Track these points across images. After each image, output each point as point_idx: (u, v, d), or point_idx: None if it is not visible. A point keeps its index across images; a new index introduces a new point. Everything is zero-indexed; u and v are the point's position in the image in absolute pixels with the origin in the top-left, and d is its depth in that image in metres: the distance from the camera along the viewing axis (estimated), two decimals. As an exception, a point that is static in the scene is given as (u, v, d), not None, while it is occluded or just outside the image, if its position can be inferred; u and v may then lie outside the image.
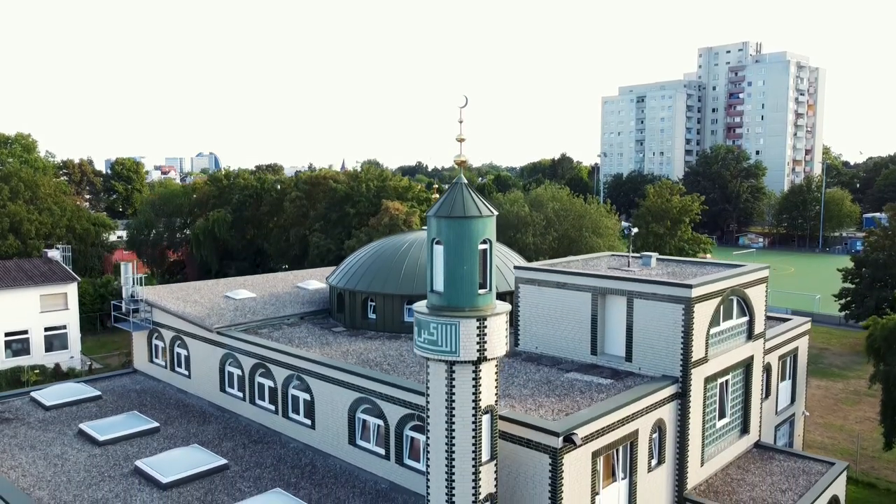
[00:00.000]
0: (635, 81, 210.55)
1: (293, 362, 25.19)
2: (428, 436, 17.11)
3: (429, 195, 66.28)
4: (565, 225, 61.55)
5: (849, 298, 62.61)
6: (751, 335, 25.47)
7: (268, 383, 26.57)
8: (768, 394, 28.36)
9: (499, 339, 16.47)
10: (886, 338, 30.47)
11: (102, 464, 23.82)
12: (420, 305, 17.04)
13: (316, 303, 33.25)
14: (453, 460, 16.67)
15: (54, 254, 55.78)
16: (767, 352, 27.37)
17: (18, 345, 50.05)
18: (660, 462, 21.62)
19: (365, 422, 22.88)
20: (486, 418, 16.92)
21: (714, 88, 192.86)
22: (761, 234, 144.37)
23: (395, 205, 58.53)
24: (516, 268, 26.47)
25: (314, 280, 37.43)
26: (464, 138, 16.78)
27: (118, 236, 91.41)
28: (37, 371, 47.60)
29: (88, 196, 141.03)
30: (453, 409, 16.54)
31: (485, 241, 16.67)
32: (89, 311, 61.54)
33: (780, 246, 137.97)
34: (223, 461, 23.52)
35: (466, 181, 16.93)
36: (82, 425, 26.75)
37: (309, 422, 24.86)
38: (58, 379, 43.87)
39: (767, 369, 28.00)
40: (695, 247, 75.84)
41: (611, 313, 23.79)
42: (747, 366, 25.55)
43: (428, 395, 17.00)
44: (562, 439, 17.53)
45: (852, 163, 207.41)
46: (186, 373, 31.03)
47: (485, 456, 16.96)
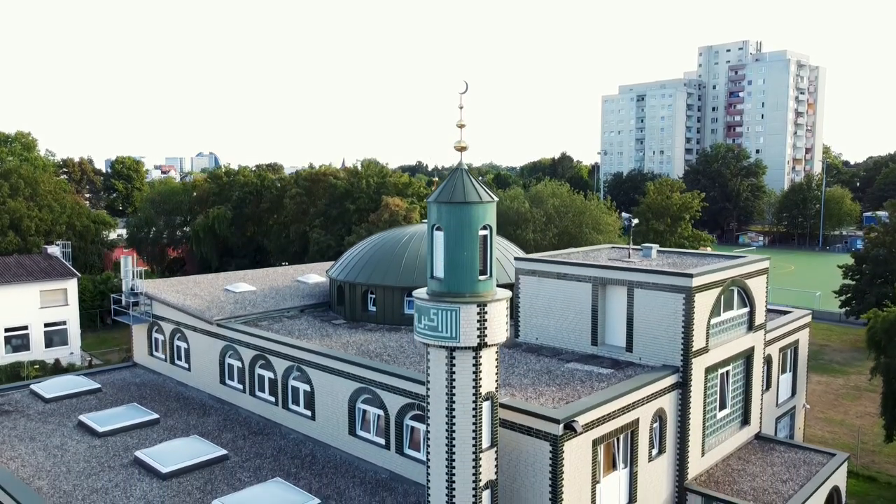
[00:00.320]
0: (635, 80, 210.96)
1: (293, 353, 25.16)
2: (428, 423, 17.07)
3: (429, 191, 66.31)
4: (565, 221, 61.51)
5: (849, 295, 62.56)
6: (751, 326, 25.43)
7: (268, 375, 26.53)
8: (769, 386, 28.33)
9: (499, 325, 16.42)
10: (887, 330, 30.44)
11: (102, 454, 23.79)
12: (420, 292, 17.00)
13: (316, 296, 33.22)
14: (453, 447, 16.62)
15: (54, 250, 55.77)
16: (768, 343, 27.33)
17: (18, 340, 50.03)
18: (660, 452, 21.59)
19: (365, 412, 22.85)
20: (486, 405, 16.87)
21: (714, 87, 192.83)
22: (761, 233, 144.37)
23: (396, 201, 58.48)
24: (517, 259, 26.44)
25: (314, 274, 37.38)
26: (464, 124, 16.71)
27: (118, 234, 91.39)
28: (36, 367, 47.57)
29: (88, 195, 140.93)
30: (454, 395, 16.50)
31: (485, 227, 16.63)
32: (89, 308, 61.52)
33: (780, 244, 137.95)
34: (223, 452, 23.49)
35: (467, 167, 16.89)
36: (82, 417, 26.71)
37: (309, 413, 24.82)
38: (57, 374, 43.80)
39: (768, 361, 27.97)
40: (695, 244, 75.91)
41: (611, 303, 23.76)
42: (748, 357, 25.51)
43: (428, 382, 16.96)
44: (562, 427, 17.49)
45: (852, 162, 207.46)
46: (186, 365, 31.00)
47: (485, 443, 16.91)
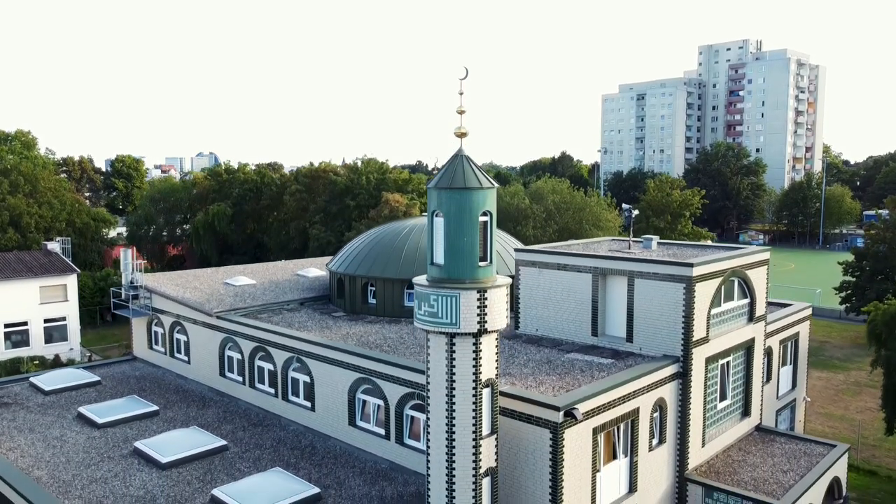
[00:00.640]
0: (635, 79, 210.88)
1: (293, 344, 25.12)
2: (428, 410, 17.02)
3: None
4: (566, 218, 61.48)
5: (849, 291, 62.54)
6: (752, 317, 25.38)
7: (267, 367, 26.49)
8: (769, 378, 28.28)
9: (499, 311, 16.37)
10: (887, 323, 30.39)
11: (101, 445, 23.75)
12: (420, 279, 16.95)
13: (316, 289, 33.19)
14: (454, 434, 16.57)
15: (54, 246, 55.73)
16: (769, 335, 27.28)
17: (18, 336, 50.00)
18: (661, 441, 21.54)
19: (365, 402, 22.81)
20: (486, 392, 16.82)
21: (714, 86, 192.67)
22: (761, 231, 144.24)
23: (396, 197, 58.44)
24: (517, 250, 26.40)
25: (314, 268, 37.36)
26: (464, 110, 16.65)
27: (118, 233, 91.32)
28: (36, 362, 47.55)
29: (88, 194, 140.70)
30: (454, 382, 16.44)
31: (485, 214, 16.58)
32: (89, 305, 61.49)
33: (781, 243, 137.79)
34: (223, 442, 23.45)
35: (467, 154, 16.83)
36: (81, 409, 26.67)
37: (309, 404, 24.79)
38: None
39: (768, 353, 27.93)
40: (695, 241, 75.82)
41: (612, 294, 23.72)
42: (748, 348, 25.47)
43: (428, 369, 16.91)
44: (562, 414, 17.45)
45: (852, 162, 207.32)
46: (186, 358, 30.96)
47: (485, 430, 16.85)
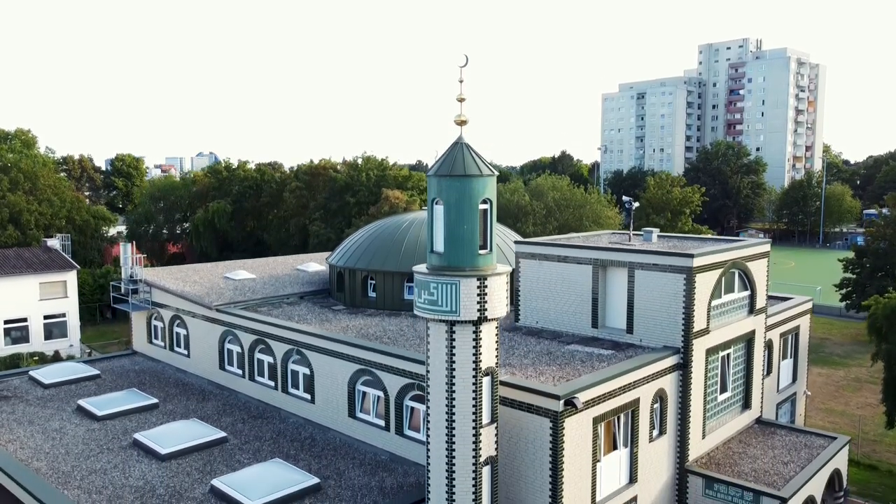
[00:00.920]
0: (635, 78, 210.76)
1: (293, 337, 25.08)
2: (428, 400, 16.98)
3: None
4: (566, 215, 61.45)
5: (849, 288, 62.53)
6: (752, 309, 25.35)
7: (267, 359, 26.46)
8: (770, 371, 28.24)
9: (499, 299, 16.33)
10: (888, 316, 30.35)
11: (101, 437, 23.72)
12: (420, 267, 16.92)
13: (315, 283, 33.16)
14: (454, 423, 16.53)
15: (54, 243, 55.72)
16: (769, 328, 27.25)
17: (18, 332, 50.01)
18: (661, 433, 21.51)
19: (365, 394, 22.77)
20: (486, 380, 16.78)
21: (714, 85, 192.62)
22: (762, 230, 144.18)
23: (396, 193, 58.39)
24: (517, 242, 26.38)
25: (314, 263, 37.33)
26: (464, 98, 16.61)
27: (118, 231, 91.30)
28: (35, 358, 47.54)
29: (88, 193, 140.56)
30: (454, 370, 16.40)
31: (485, 201, 16.54)
32: (89, 302, 61.47)
33: (781, 241, 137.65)
34: (222, 434, 23.42)
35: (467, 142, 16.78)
36: (81, 401, 26.62)
37: (308, 396, 24.75)
38: (57, 364, 43.72)
39: (769, 346, 27.89)
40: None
41: (612, 286, 23.69)
42: (749, 340, 25.43)
43: (428, 358, 16.87)
44: (563, 403, 17.41)
45: (853, 161, 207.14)
46: (185, 352, 30.92)
47: (485, 419, 16.81)
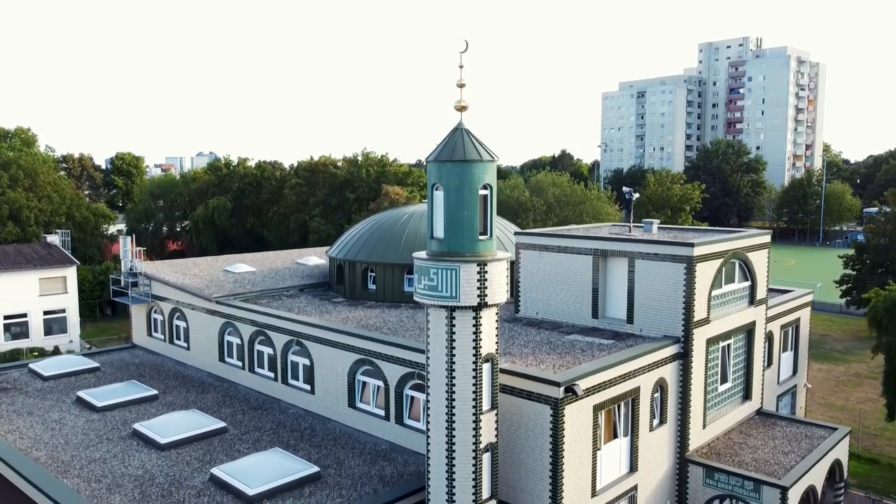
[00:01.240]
0: (635, 77, 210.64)
1: (293, 328, 25.04)
2: (428, 386, 16.95)
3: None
4: (566, 211, 61.43)
5: (850, 284, 62.52)
6: (753, 300, 25.32)
7: (267, 351, 26.43)
8: (770, 362, 28.20)
9: (499, 284, 16.31)
10: (888, 309, 30.33)
11: (100, 427, 23.68)
12: (420, 253, 16.90)
13: (315, 276, 33.12)
14: (454, 409, 16.50)
15: (53, 239, 55.73)
16: (769, 320, 27.21)
17: (17, 328, 50.01)
18: (661, 422, 21.47)
19: (365, 384, 22.74)
20: (486, 367, 16.75)
21: (714, 83, 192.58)
22: (762, 229, 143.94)
23: (396, 189, 58.37)
24: (517, 233, 26.36)
25: (314, 256, 37.31)
26: (464, 83, 16.58)
27: (118, 229, 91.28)
28: (35, 353, 47.51)
29: (88, 191, 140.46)
30: (454, 357, 16.37)
31: (485, 187, 16.51)
32: (89, 299, 61.43)
33: (781, 240, 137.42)
34: (222, 424, 23.39)
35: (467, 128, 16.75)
36: (80, 393, 26.59)
37: (308, 387, 24.71)
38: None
39: (769, 338, 27.85)
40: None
41: (612, 275, 23.65)
42: (749, 331, 25.39)
43: (428, 345, 16.84)
44: (563, 390, 17.38)
45: (853, 161, 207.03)
46: (185, 345, 30.89)
47: (485, 405, 16.79)
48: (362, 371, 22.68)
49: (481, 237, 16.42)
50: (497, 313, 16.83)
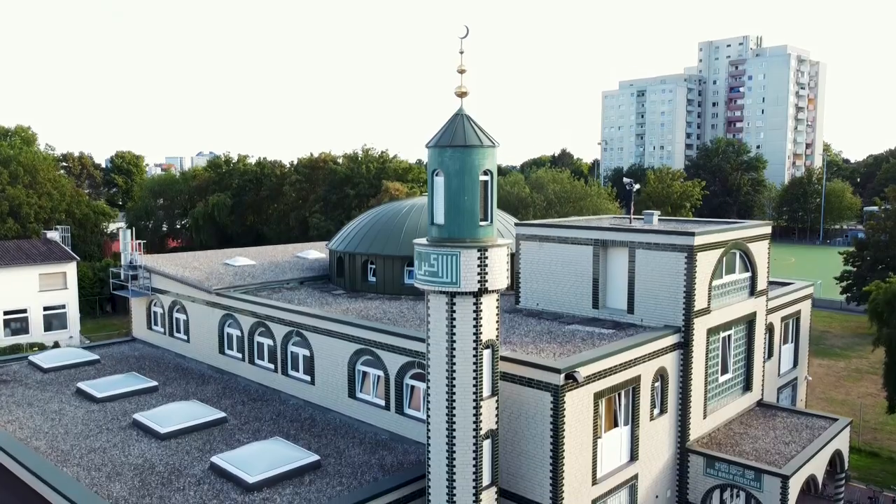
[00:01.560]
0: (635, 75, 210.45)
1: (293, 318, 25.02)
2: (428, 373, 16.92)
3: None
4: (566, 207, 61.41)
5: (850, 281, 62.49)
6: (753, 291, 25.28)
7: (267, 342, 26.40)
8: (770, 354, 28.16)
9: (500, 270, 16.28)
10: (889, 301, 30.30)
11: (100, 418, 23.67)
12: (420, 239, 16.88)
13: (315, 269, 33.12)
14: (454, 396, 16.48)
15: (53, 235, 55.64)
16: (770, 312, 27.18)
17: (17, 324, 49.95)
18: (662, 412, 21.44)
19: (365, 374, 22.71)
20: (486, 353, 16.73)
21: (714, 82, 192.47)
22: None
23: (396, 185, 58.36)
24: (517, 224, 26.35)
25: (314, 250, 37.27)
26: (464, 69, 16.55)
27: (118, 227, 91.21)
28: (35, 349, 47.43)
29: (88, 190, 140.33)
30: (454, 343, 16.35)
31: (486, 173, 16.49)
32: (88, 295, 61.36)
33: (781, 238, 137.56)
34: (222, 414, 23.37)
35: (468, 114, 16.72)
36: (80, 384, 26.58)
37: (308, 378, 24.69)
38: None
39: (770, 329, 27.81)
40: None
41: (613, 266, 23.62)
42: (750, 322, 25.36)
43: (428, 331, 16.81)
44: (563, 376, 17.35)
45: (853, 160, 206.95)
46: (185, 337, 30.86)
47: (486, 391, 16.77)
48: (362, 361, 22.66)
49: (482, 223, 16.40)
50: (498, 299, 16.81)
